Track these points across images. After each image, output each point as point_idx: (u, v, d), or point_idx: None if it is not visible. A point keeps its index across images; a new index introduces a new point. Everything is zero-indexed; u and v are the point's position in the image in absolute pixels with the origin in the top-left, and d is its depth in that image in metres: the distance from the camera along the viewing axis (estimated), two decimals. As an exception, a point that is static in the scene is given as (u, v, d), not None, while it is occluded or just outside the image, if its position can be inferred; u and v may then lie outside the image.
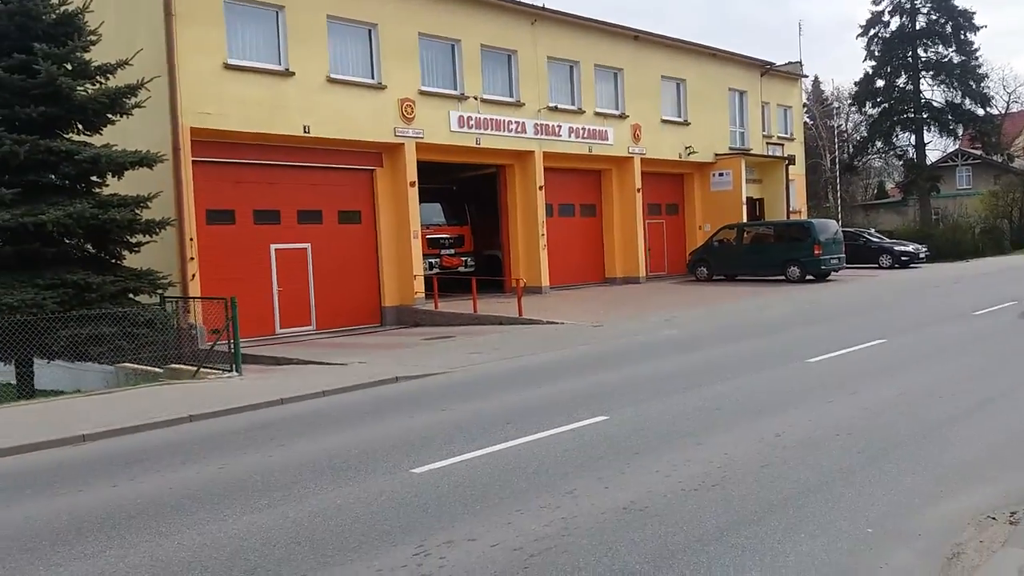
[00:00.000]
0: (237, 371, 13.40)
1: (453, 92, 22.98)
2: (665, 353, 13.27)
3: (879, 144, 46.74)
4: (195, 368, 13.61)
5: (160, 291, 15.12)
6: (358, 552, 5.17)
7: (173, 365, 14.77)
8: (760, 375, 10.72)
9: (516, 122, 24.35)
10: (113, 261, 14.80)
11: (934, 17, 43.47)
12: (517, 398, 10.03)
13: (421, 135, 21.90)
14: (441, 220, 25.55)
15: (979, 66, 43.70)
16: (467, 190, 27.30)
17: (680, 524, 5.37)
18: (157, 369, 14.92)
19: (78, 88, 13.92)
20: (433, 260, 24.35)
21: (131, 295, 14.47)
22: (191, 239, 17.61)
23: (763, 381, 10.33)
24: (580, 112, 26.25)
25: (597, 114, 26.78)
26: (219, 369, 13.78)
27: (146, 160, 14.59)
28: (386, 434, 8.45)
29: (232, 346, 13.57)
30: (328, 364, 14.00)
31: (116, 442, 8.81)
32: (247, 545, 5.38)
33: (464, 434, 8.14)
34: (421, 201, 22.70)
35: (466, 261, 25.46)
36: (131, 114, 15.37)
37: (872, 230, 36.38)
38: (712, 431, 7.86)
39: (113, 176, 14.74)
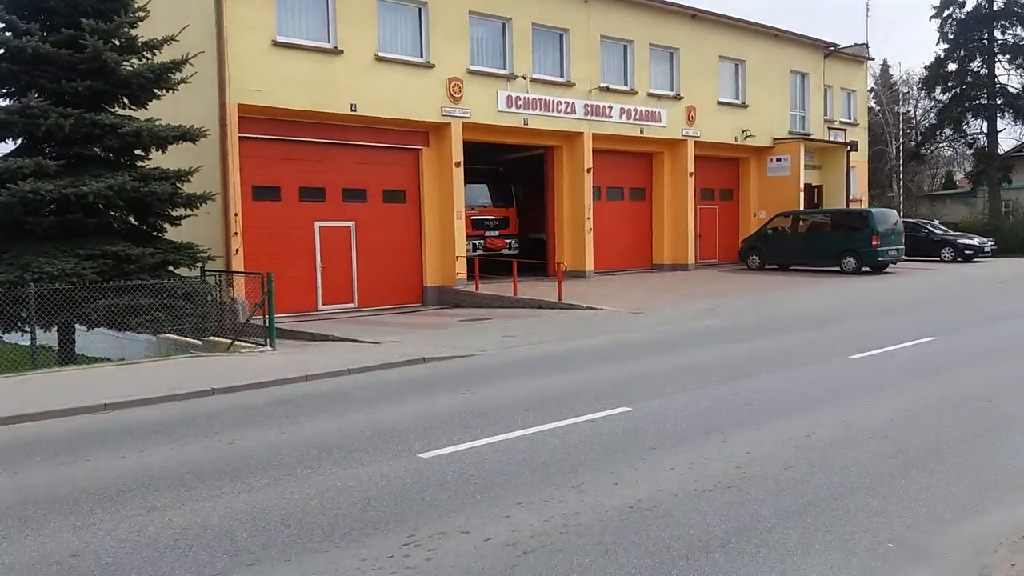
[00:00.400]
0: (271, 346, 13.44)
1: (502, 71, 22.67)
2: (703, 343, 12.86)
3: (948, 131, 44.81)
4: (230, 341, 13.68)
5: (200, 264, 15.24)
6: (347, 539, 5.02)
7: (212, 337, 14.90)
8: (799, 370, 10.28)
9: (565, 103, 23.91)
10: (154, 233, 14.98)
11: (1013, -3, 41.36)
12: (541, 384, 9.79)
13: (468, 115, 21.67)
14: (487, 201, 25.34)
15: (1061, 50, 41.43)
16: (514, 172, 27.03)
17: (687, 527, 5.09)
18: (196, 341, 15.07)
19: (124, 63, 14.04)
20: (477, 241, 24.19)
21: (171, 267, 14.63)
22: (236, 214, 17.74)
23: (801, 376, 9.89)
24: (633, 93, 25.68)
25: (650, 95, 26.16)
26: (254, 343, 13.85)
27: (189, 134, 14.69)
28: (401, 416, 8.31)
29: (267, 320, 13.60)
30: (361, 342, 13.96)
31: (135, 412, 8.86)
32: (237, 525, 5.28)
33: (480, 419, 7.95)
34: (467, 182, 22.53)
35: (510, 243, 25.23)
36: (176, 89, 15.48)
37: (936, 221, 34.94)
38: (739, 428, 7.51)
39: (157, 150, 14.88)
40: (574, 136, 24.53)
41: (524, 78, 22.97)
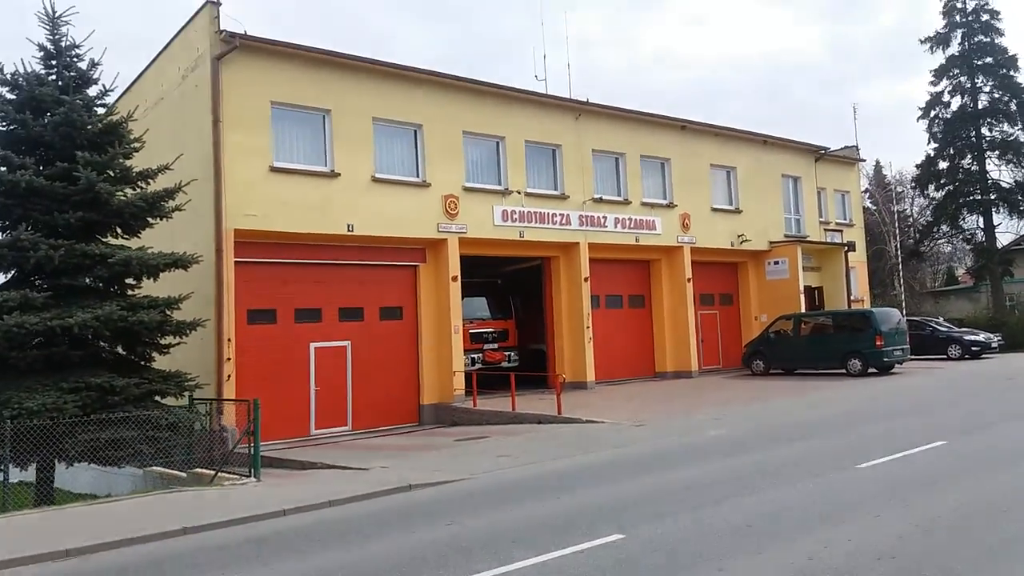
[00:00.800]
0: (255, 477, 13.00)
1: (497, 187, 23.03)
2: (706, 456, 12.39)
3: (945, 228, 45.15)
4: (214, 473, 13.25)
5: (187, 392, 14.98)
6: None
7: (198, 469, 14.48)
8: (804, 484, 9.80)
9: (560, 214, 24.18)
10: (142, 363, 14.81)
11: (997, 95, 42.38)
12: (532, 511, 9.33)
13: (465, 230, 21.87)
14: (485, 314, 25.24)
15: (1049, 144, 42.12)
16: (512, 283, 27.07)
17: None
18: (181, 474, 14.65)
19: (117, 193, 14.25)
20: (476, 355, 23.94)
21: (158, 397, 14.37)
22: (229, 339, 17.63)
23: (806, 490, 9.41)
24: (626, 203, 25.99)
25: (644, 204, 26.46)
26: (239, 474, 13.41)
27: (180, 262, 14.74)
28: (376, 553, 7.85)
29: (253, 450, 13.20)
30: (349, 469, 13.53)
31: (99, 557, 8.41)
32: None
33: (462, 555, 7.49)
34: (465, 295, 22.53)
35: (509, 356, 24.95)
36: (170, 217, 15.67)
37: (940, 318, 34.65)
38: (738, 553, 7.05)
39: (149, 278, 14.90)
40: (570, 246, 24.68)
41: (519, 192, 23.31)
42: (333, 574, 7.21)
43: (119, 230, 15.17)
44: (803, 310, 28.95)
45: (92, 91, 15.00)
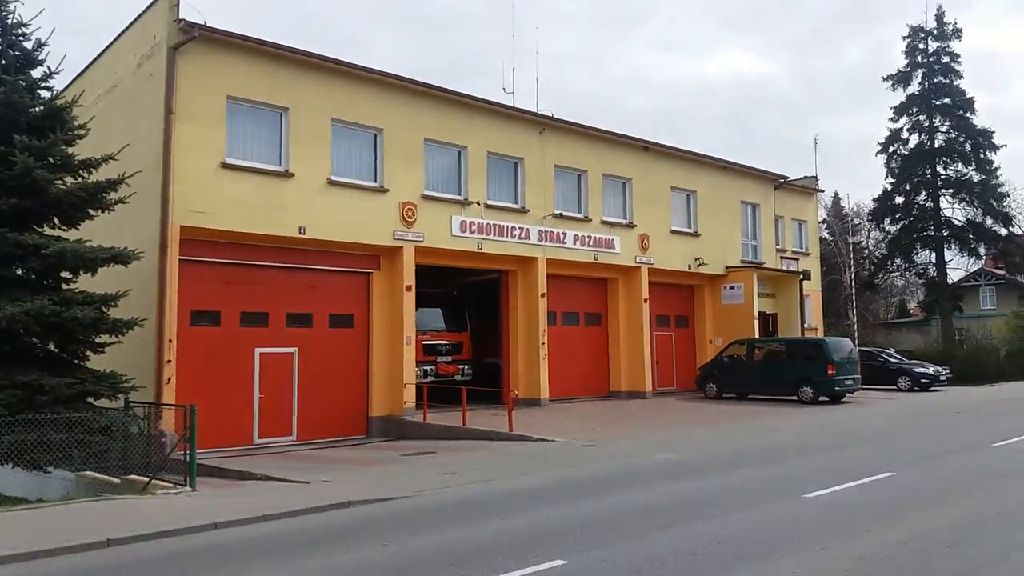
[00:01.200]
0: (191, 486, 12.44)
1: (457, 197, 22.71)
2: (654, 480, 12.15)
3: (899, 261, 46.00)
4: (147, 480, 12.64)
5: (123, 395, 14.33)
6: None
7: (132, 476, 13.83)
8: (751, 512, 9.60)
9: (520, 228, 23.94)
10: (75, 361, 14.12)
11: (953, 135, 43.45)
12: (473, 532, 8.96)
13: (421, 239, 21.49)
14: (440, 326, 24.80)
15: (1000, 185, 43.22)
16: (468, 296, 26.70)
17: None
18: (115, 480, 13.98)
19: (56, 181, 13.60)
20: (428, 367, 23.48)
21: (90, 399, 13.69)
22: (170, 340, 16.97)
23: (753, 519, 9.21)
24: (587, 220, 25.87)
25: (604, 222, 26.38)
26: (174, 482, 12.82)
27: (120, 257, 14.13)
28: (306, 573, 7.41)
29: (189, 458, 12.64)
30: (289, 482, 13.05)
31: (13, 569, 7.84)
32: None
33: (395, 577, 7.12)
34: (420, 305, 22.11)
35: (463, 369, 24.54)
36: (112, 209, 15.04)
37: (891, 350, 35.14)
38: (680, 585, 6.77)
39: (86, 272, 14.24)
40: (528, 261, 24.44)
41: (479, 204, 23.02)
42: (255, 594, 6.79)
43: (57, 221, 14.48)
44: (757, 336, 29.08)
45: (36, 73, 14.36)
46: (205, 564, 7.92)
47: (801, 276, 32.73)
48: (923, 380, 30.29)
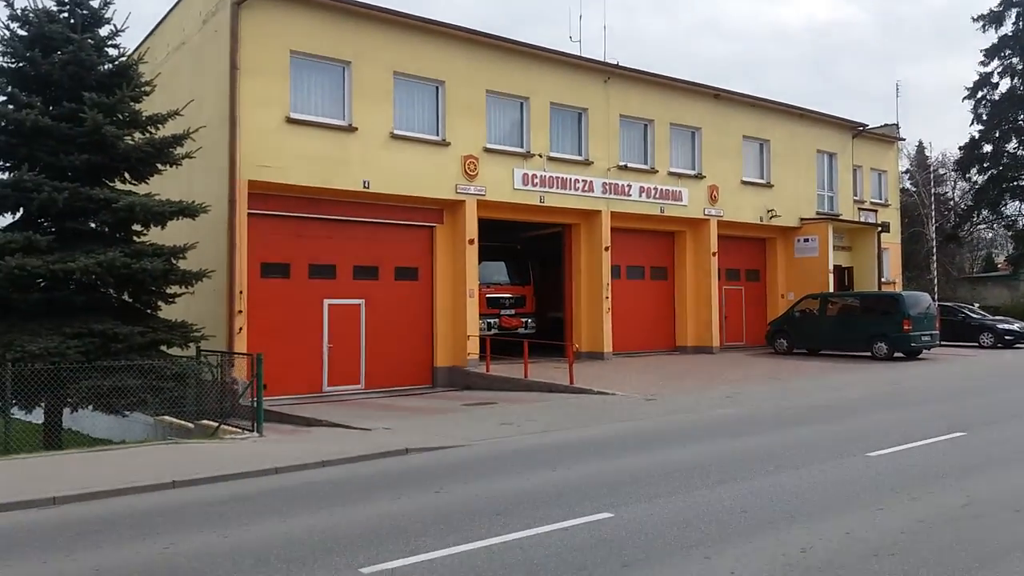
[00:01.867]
0: (258, 431, 12.89)
1: (519, 150, 22.52)
2: (712, 436, 12.01)
3: (986, 213, 43.86)
4: (216, 425, 13.15)
5: (194, 343, 14.86)
6: None
7: (204, 421, 14.43)
8: (809, 469, 9.40)
9: (583, 180, 23.63)
10: (148, 311, 14.67)
11: (1049, 79, 40.86)
12: (522, 482, 9.04)
13: (483, 192, 21.45)
14: (503, 279, 24.84)
15: (1099, 131, 40.56)
16: (532, 249, 26.63)
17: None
18: (189, 424, 14.62)
19: (124, 137, 14.00)
20: (492, 320, 23.59)
21: (163, 347, 14.25)
22: (241, 292, 17.47)
23: (810, 477, 9.01)
24: (653, 171, 25.35)
25: (671, 174, 25.81)
26: (243, 427, 13.31)
27: (188, 210, 14.52)
28: (359, 519, 7.61)
29: (255, 404, 13.07)
30: (353, 428, 13.37)
31: (84, 507, 8.29)
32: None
33: (442, 526, 7.22)
34: (483, 259, 22.19)
35: (526, 323, 24.58)
36: (179, 164, 15.43)
37: (975, 305, 33.68)
38: (727, 540, 6.69)
39: (156, 225, 14.71)
40: (592, 214, 24.17)
41: (541, 156, 22.79)
42: (312, 537, 6.98)
43: (127, 175, 14.95)
44: (832, 290, 28.23)
45: (104, 31, 14.68)
46: (263, 507, 8.20)
47: (879, 228, 31.54)
48: (1007, 337, 28.96)
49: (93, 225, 14.09)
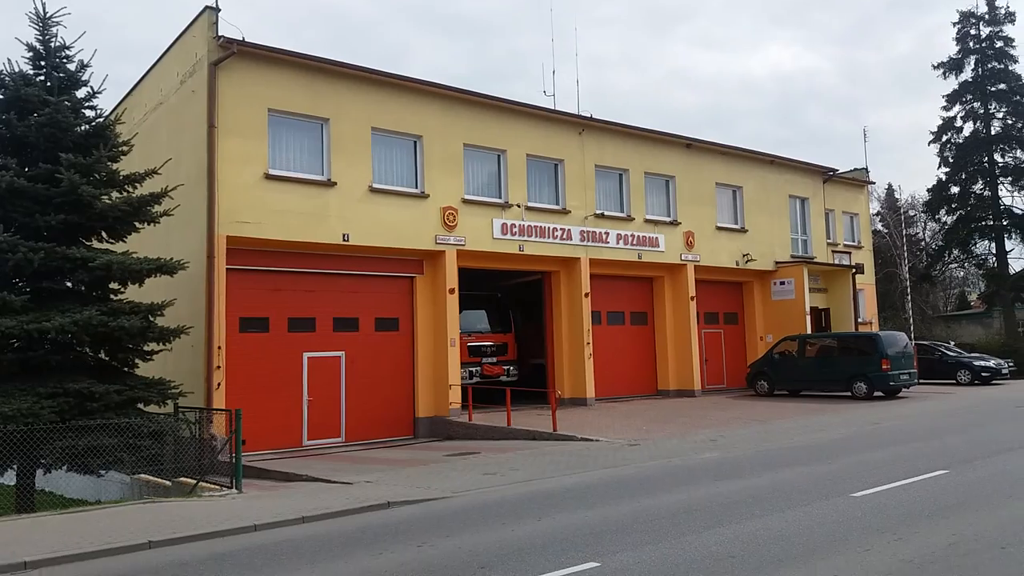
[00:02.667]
0: (237, 488, 12.68)
1: (497, 200, 22.76)
2: (697, 480, 11.97)
3: (956, 252, 44.59)
4: (194, 483, 12.92)
5: (171, 400, 14.67)
6: None
7: (182, 478, 14.20)
8: (795, 512, 9.37)
9: (561, 229, 23.87)
10: (125, 369, 14.49)
11: (1010, 121, 41.95)
12: (508, 534, 8.93)
13: (463, 242, 21.58)
14: (485, 327, 24.82)
15: (1061, 171, 41.55)
16: (513, 297, 26.71)
17: None
18: (167, 482, 14.38)
19: (101, 196, 13.99)
20: (474, 368, 23.50)
21: (140, 404, 14.05)
22: (219, 347, 17.35)
23: (796, 519, 8.99)
24: (629, 219, 25.66)
25: (647, 221, 26.13)
26: (221, 485, 13.09)
27: (166, 267, 14.46)
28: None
29: (234, 460, 12.88)
30: (333, 483, 13.18)
31: (57, 571, 8.09)
32: None
33: (427, 579, 7.12)
34: (464, 308, 22.25)
35: (508, 370, 24.50)
36: (158, 222, 15.42)
37: (951, 343, 34.08)
38: (715, 586, 6.64)
39: (133, 283, 14.62)
40: (571, 262, 24.35)
41: (519, 206, 23.02)
42: (288, 597, 6.86)
43: (104, 234, 14.89)
44: (809, 331, 28.48)
45: (80, 93, 14.76)
46: (240, 565, 8.03)
47: (853, 270, 31.98)
48: (983, 374, 29.30)
49: (69, 284, 13.99)
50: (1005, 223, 41.84)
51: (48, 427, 12.06)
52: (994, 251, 43.05)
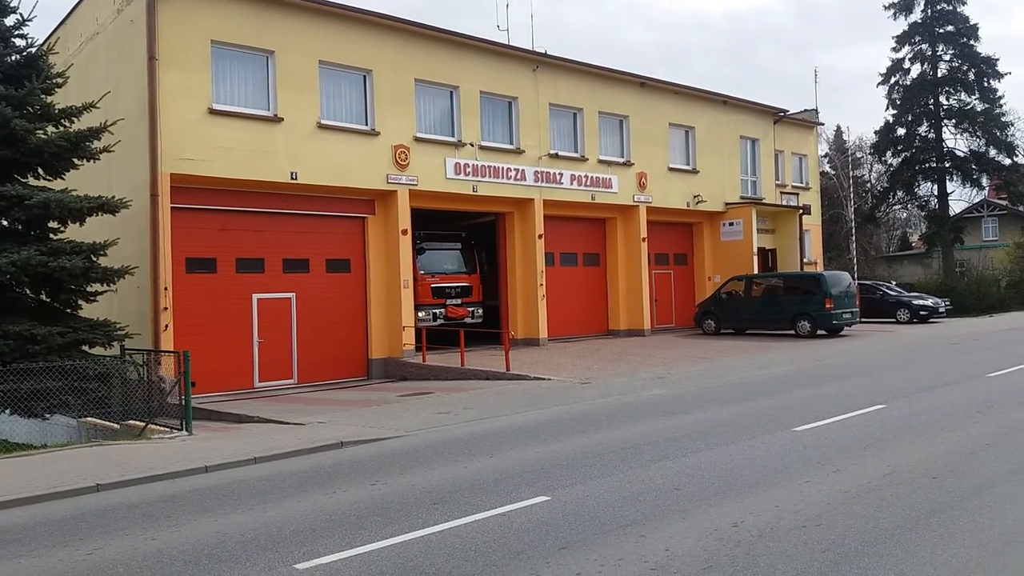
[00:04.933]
0: (187, 430, 12.57)
1: (450, 139, 22.43)
2: (645, 417, 12.24)
3: (900, 194, 45.59)
4: (143, 425, 12.78)
5: (117, 342, 14.39)
6: None
7: (131, 421, 14.01)
8: (737, 446, 9.67)
9: (515, 169, 23.69)
10: (68, 311, 14.12)
11: (956, 64, 42.59)
12: (460, 470, 9.06)
13: (415, 182, 21.29)
14: (450, 268, 24.24)
15: (1003, 114, 42.53)
16: (475, 237, 26.44)
17: (577, 652, 4.37)
18: (115, 425, 14.18)
19: (36, 131, 13.41)
20: (438, 310, 23.09)
21: (84, 347, 13.75)
22: (166, 288, 17.02)
23: (739, 453, 9.27)
24: (583, 159, 25.57)
25: (601, 161, 26.08)
26: (171, 427, 12.97)
27: (108, 206, 14.02)
28: (293, 515, 7.51)
29: (184, 402, 12.75)
30: (286, 423, 13.16)
31: (4, 516, 7.96)
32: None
33: (381, 517, 7.20)
34: (429, 248, 22.02)
35: (473, 312, 24.09)
36: (98, 158, 14.89)
37: (892, 283, 35.06)
38: (662, 518, 6.84)
39: (74, 222, 14.16)
40: (525, 202, 24.26)
41: (472, 145, 22.74)
42: (244, 535, 6.86)
43: (40, 171, 14.33)
44: (756, 271, 29.00)
45: (9, 21, 14.03)
46: (192, 507, 8.02)
47: (801, 211, 32.49)
48: (922, 312, 30.31)
49: (5, 223, 13.48)
50: (947, 165, 42.81)
51: (-13, 370, 11.76)
52: (936, 193, 44.10)
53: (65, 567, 6.25)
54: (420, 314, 22.23)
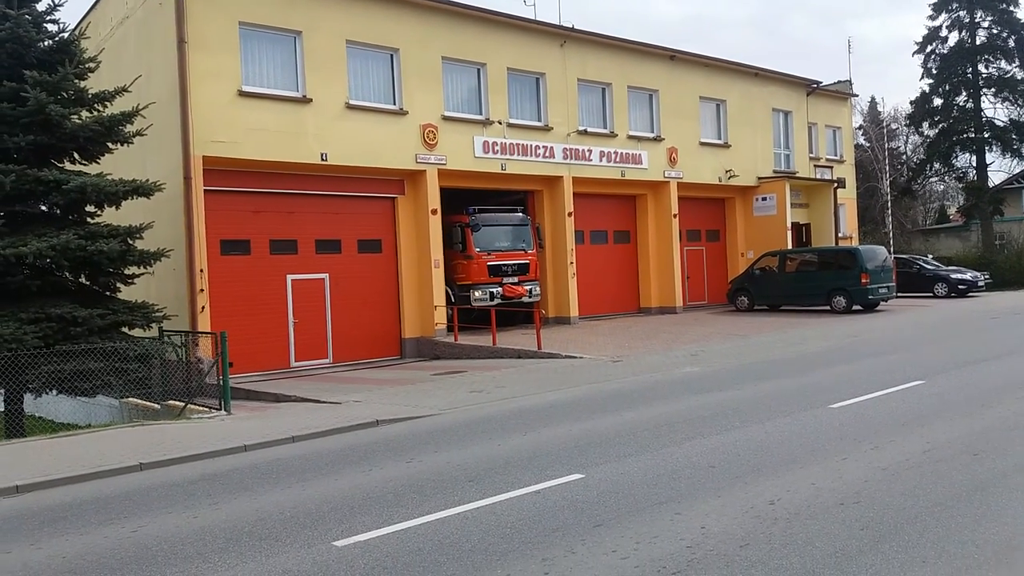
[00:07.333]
0: (225, 410, 12.77)
1: (478, 117, 22.35)
2: (678, 394, 12.19)
3: (937, 166, 44.63)
4: (183, 405, 13.02)
5: (155, 324, 14.63)
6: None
7: (171, 401, 14.29)
8: (773, 423, 9.60)
9: (544, 147, 23.55)
10: (107, 293, 14.37)
11: (995, 31, 41.41)
12: (495, 448, 9.11)
13: (444, 161, 21.28)
14: (506, 245, 23.01)
15: (1046, 80, 41.31)
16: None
17: (615, 629, 4.39)
18: (155, 405, 14.46)
19: (71, 116, 13.58)
20: (495, 289, 22.13)
21: (124, 328, 14.00)
22: (201, 270, 17.23)
23: (775, 430, 9.21)
24: (612, 135, 25.35)
25: (631, 137, 25.83)
26: (210, 407, 13.20)
27: (142, 189, 14.19)
28: (331, 493, 7.61)
29: (221, 383, 12.95)
30: (322, 403, 13.32)
31: (48, 494, 8.19)
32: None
33: (417, 494, 7.27)
34: (485, 224, 21.94)
35: (531, 290, 23.12)
36: (131, 142, 15.05)
37: (929, 256, 34.44)
38: (697, 496, 6.83)
39: (110, 205, 14.37)
40: (554, 180, 24.13)
41: (500, 123, 22.64)
42: (283, 513, 6.97)
43: (76, 155, 14.53)
44: (790, 247, 28.65)
45: (41, 6, 14.18)
46: (232, 485, 8.16)
47: (835, 184, 31.98)
48: (960, 286, 29.75)
49: (44, 208, 13.73)
50: (986, 135, 41.77)
51: (33, 352, 12.02)
52: (975, 164, 43.10)
53: (111, 544, 6.40)
54: (476, 293, 21.67)
